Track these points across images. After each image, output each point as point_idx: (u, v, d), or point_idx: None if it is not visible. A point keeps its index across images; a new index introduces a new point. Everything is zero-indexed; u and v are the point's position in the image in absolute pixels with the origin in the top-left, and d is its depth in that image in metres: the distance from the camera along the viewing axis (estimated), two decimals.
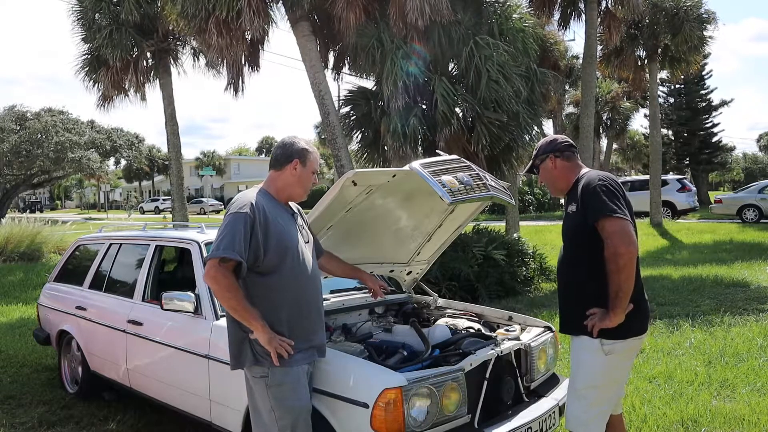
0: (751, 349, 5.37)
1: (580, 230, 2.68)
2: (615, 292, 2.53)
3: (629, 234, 2.53)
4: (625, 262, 2.50)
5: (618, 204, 2.58)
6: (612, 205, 2.56)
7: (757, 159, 71.36)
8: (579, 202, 2.70)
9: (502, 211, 21.17)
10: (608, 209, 2.55)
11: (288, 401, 2.58)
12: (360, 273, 3.40)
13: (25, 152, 26.03)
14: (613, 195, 2.60)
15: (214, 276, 2.50)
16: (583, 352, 2.71)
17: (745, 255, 11.35)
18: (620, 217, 2.54)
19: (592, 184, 2.66)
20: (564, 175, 2.86)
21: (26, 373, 5.54)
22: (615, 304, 2.54)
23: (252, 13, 8.37)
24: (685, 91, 35.85)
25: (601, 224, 2.56)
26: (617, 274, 2.51)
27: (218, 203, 49.41)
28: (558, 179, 2.88)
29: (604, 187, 2.62)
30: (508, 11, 9.13)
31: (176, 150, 14.02)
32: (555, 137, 2.95)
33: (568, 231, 2.81)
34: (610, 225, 2.53)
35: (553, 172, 2.88)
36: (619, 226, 2.52)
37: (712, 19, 17.00)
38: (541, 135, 9.57)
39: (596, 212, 2.58)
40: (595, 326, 2.61)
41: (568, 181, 2.85)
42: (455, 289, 7.76)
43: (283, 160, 2.71)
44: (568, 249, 2.84)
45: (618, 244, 2.50)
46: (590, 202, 2.62)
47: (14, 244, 13.46)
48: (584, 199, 2.66)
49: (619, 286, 2.52)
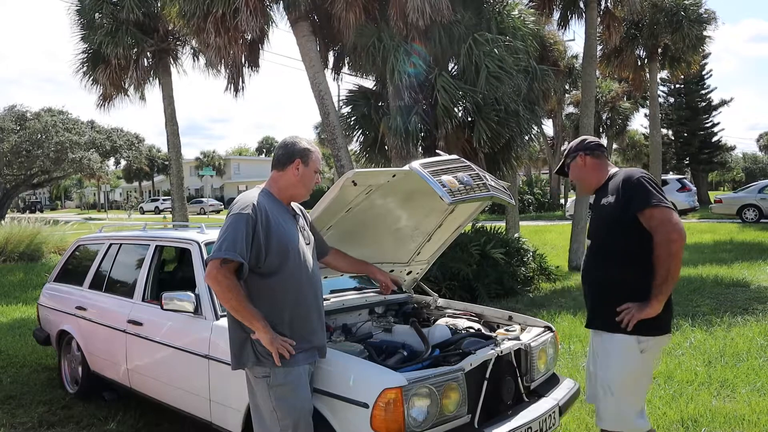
0: (751, 349, 5.37)
1: (617, 221, 2.71)
2: (663, 278, 2.57)
3: (678, 222, 2.60)
4: (677, 249, 2.56)
5: (663, 195, 2.65)
6: (659, 195, 2.63)
7: (757, 159, 71.41)
8: (618, 194, 2.73)
9: (502, 211, 21.18)
10: (655, 199, 2.61)
11: (290, 401, 2.58)
12: (369, 267, 3.40)
13: (25, 152, 26.01)
14: (656, 187, 2.68)
15: (216, 277, 2.50)
16: (616, 351, 2.72)
17: (745, 255, 11.36)
18: (668, 207, 2.61)
19: (634, 176, 2.72)
20: (594, 173, 2.94)
21: (26, 373, 5.54)
22: (660, 291, 2.58)
23: (249, 13, 8.36)
24: (685, 91, 35.86)
25: (648, 213, 2.61)
26: (668, 260, 2.55)
27: (218, 203, 49.43)
28: (588, 177, 2.96)
29: (647, 180, 2.69)
30: (508, 8, 9.14)
31: (176, 150, 14.01)
32: (584, 137, 3.06)
33: (602, 222, 2.83)
34: (659, 213, 2.59)
35: (583, 170, 2.96)
36: (668, 214, 2.59)
37: (712, 19, 17.00)
38: (541, 134, 9.59)
39: (642, 202, 2.63)
40: (632, 319, 2.62)
41: (598, 178, 2.92)
42: (455, 288, 7.76)
43: (285, 161, 2.70)
44: (599, 243, 2.86)
45: (670, 230, 2.56)
46: (634, 193, 2.67)
47: (14, 244, 13.47)
48: (626, 190, 2.70)
49: (668, 272, 2.56)
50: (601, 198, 2.87)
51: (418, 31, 8.31)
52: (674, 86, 35.25)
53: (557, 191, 35.98)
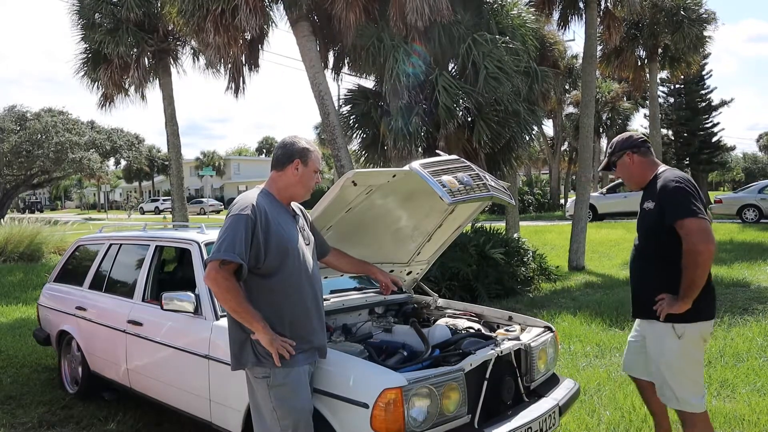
0: (751, 349, 5.37)
1: (656, 228, 2.84)
2: (688, 284, 2.72)
3: (709, 232, 2.70)
4: (704, 260, 2.70)
5: (696, 204, 2.74)
6: (692, 206, 2.72)
7: (756, 159, 71.45)
8: (657, 200, 2.84)
9: (502, 211, 21.17)
10: (688, 210, 2.71)
11: (290, 402, 2.58)
12: (370, 267, 3.39)
13: (25, 152, 26.02)
14: (691, 195, 2.76)
15: (215, 278, 2.49)
16: (657, 338, 2.90)
17: (745, 255, 11.35)
18: (701, 217, 2.71)
19: (669, 186, 2.81)
20: (642, 171, 2.99)
21: (26, 374, 5.54)
22: (686, 294, 2.73)
23: (249, 11, 8.36)
24: (685, 91, 35.83)
25: (680, 224, 2.73)
26: (694, 269, 2.70)
27: (218, 203, 49.41)
28: (636, 175, 3.01)
29: (682, 189, 2.77)
30: (507, 8, 9.14)
31: (176, 150, 14.01)
32: (630, 134, 3.07)
33: (645, 227, 2.95)
34: (690, 223, 2.70)
35: (630, 168, 3.00)
36: (699, 225, 2.69)
37: (712, 19, 17.00)
38: (541, 134, 9.61)
39: (676, 213, 2.74)
40: (663, 311, 2.79)
41: (645, 176, 2.99)
42: (455, 288, 7.76)
43: (284, 160, 2.70)
44: (642, 243, 2.99)
45: (698, 242, 2.67)
46: (669, 202, 2.78)
47: (14, 244, 13.45)
48: (662, 199, 2.81)
49: (693, 281, 2.71)
50: (644, 201, 2.97)
51: (417, 32, 8.31)
52: (674, 86, 35.21)
53: (557, 191, 35.99)
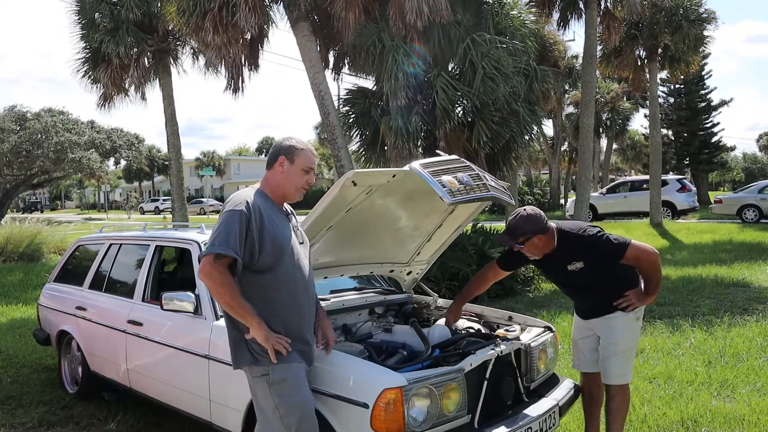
0: (751, 349, 5.37)
1: (601, 275, 3.22)
2: (654, 285, 3.25)
3: (646, 246, 3.21)
4: (658, 264, 3.23)
5: (609, 235, 3.19)
6: (614, 241, 3.16)
7: (756, 159, 71.47)
8: (587, 259, 3.17)
9: (502, 211, 21.20)
10: (619, 246, 3.14)
11: (291, 397, 2.57)
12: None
13: (25, 152, 25.98)
14: (601, 231, 3.21)
15: (209, 272, 2.48)
16: (620, 324, 3.28)
17: (745, 255, 11.35)
18: (629, 242, 3.16)
19: (587, 237, 3.18)
20: (547, 244, 3.25)
21: (26, 374, 5.54)
22: (655, 291, 3.28)
23: (248, 9, 8.35)
24: (684, 91, 35.84)
25: (626, 258, 3.16)
26: (657, 273, 3.22)
27: (218, 203, 49.35)
28: (543, 249, 3.26)
29: (597, 236, 3.17)
30: (507, 9, 9.14)
31: (176, 150, 14.02)
32: (530, 214, 3.17)
33: (588, 283, 3.27)
34: (630, 251, 3.15)
35: (539, 246, 3.22)
36: (636, 248, 3.16)
37: (712, 19, 17.00)
38: (541, 134, 9.62)
39: (616, 254, 3.15)
40: (633, 304, 3.25)
41: (550, 247, 3.26)
42: (455, 288, 7.76)
43: (272, 159, 2.72)
44: (592, 288, 3.30)
45: (647, 257, 3.17)
46: (601, 252, 3.15)
47: (14, 244, 13.45)
48: (591, 254, 3.17)
49: (658, 281, 3.26)
50: (563, 263, 3.24)
51: (417, 32, 8.32)
52: (674, 86, 35.23)
53: (557, 191, 36.00)
